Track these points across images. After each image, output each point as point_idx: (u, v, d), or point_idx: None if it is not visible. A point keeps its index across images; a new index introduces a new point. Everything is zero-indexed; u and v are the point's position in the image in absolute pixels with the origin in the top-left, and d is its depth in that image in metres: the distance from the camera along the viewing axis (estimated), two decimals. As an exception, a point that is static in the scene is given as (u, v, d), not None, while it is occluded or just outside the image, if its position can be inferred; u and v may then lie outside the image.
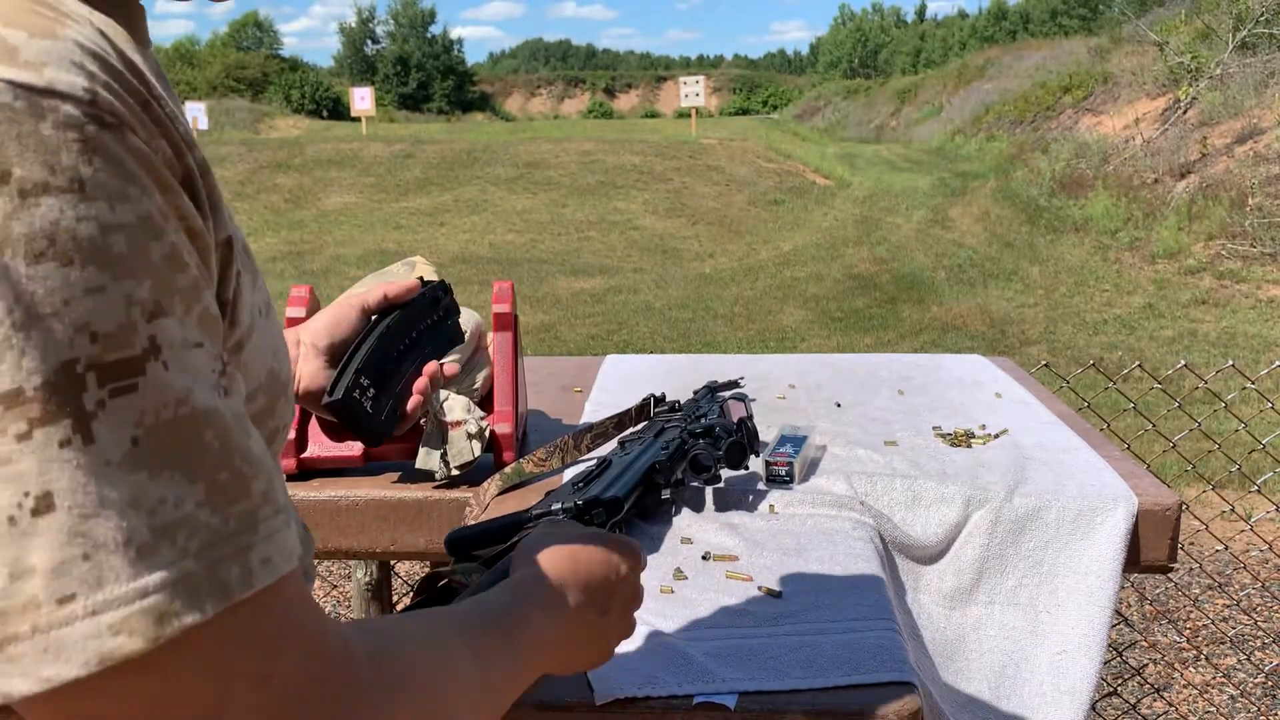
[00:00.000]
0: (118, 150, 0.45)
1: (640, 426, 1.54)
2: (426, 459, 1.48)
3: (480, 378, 1.59)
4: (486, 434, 1.51)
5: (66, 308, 0.43)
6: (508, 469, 1.46)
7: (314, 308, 1.64)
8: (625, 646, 1.04)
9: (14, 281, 0.42)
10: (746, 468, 1.39)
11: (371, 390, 1.30)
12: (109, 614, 0.42)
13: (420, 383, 1.36)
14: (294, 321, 1.61)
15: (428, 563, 2.68)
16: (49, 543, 0.42)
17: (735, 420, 1.40)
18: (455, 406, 1.50)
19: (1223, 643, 3.26)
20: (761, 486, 1.45)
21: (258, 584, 0.46)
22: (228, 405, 0.48)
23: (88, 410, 0.43)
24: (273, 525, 0.48)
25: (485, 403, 1.59)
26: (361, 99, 22.30)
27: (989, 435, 1.63)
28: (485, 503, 1.42)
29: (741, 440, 1.36)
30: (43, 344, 0.42)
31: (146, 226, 0.45)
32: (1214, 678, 3.10)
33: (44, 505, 0.42)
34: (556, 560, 0.76)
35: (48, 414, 0.42)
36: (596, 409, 1.84)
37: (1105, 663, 1.75)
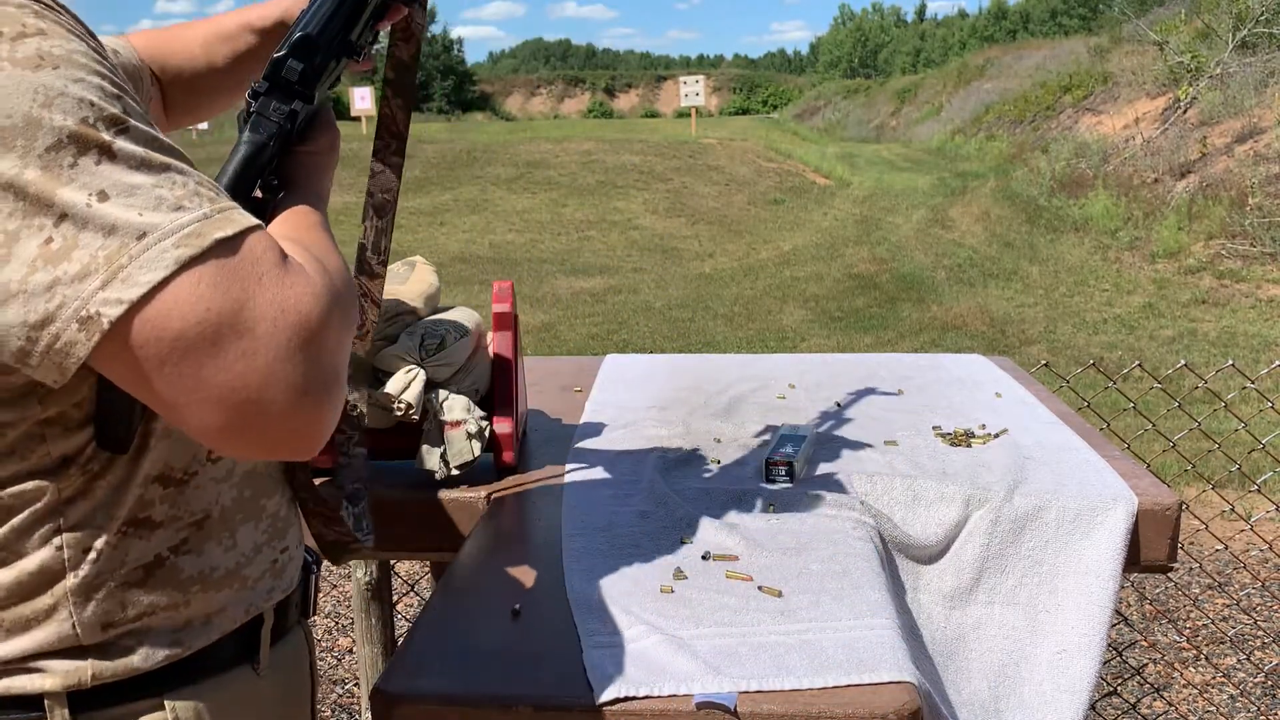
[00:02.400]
0: (53, 15, 0.72)
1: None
2: (426, 458, 1.48)
3: (480, 377, 1.59)
4: (486, 434, 1.51)
5: (68, 89, 0.69)
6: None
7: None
8: (626, 646, 1.04)
9: (28, 78, 0.68)
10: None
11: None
12: (171, 238, 0.69)
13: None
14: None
15: (428, 563, 2.68)
16: (115, 211, 0.68)
17: None
18: (455, 406, 1.50)
19: (1223, 642, 3.26)
20: (761, 486, 1.45)
21: (252, 222, 0.73)
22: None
23: (106, 140, 0.69)
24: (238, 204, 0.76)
25: (485, 402, 1.59)
26: (361, 99, 22.27)
27: (989, 435, 1.63)
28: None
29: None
30: (64, 109, 0.68)
31: (88, 52, 0.72)
32: (1214, 677, 3.10)
33: (101, 196, 0.68)
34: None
35: (83, 146, 0.68)
36: (596, 409, 1.84)
37: (1105, 663, 1.75)
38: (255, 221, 0.74)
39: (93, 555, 0.81)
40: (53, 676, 0.81)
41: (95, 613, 0.82)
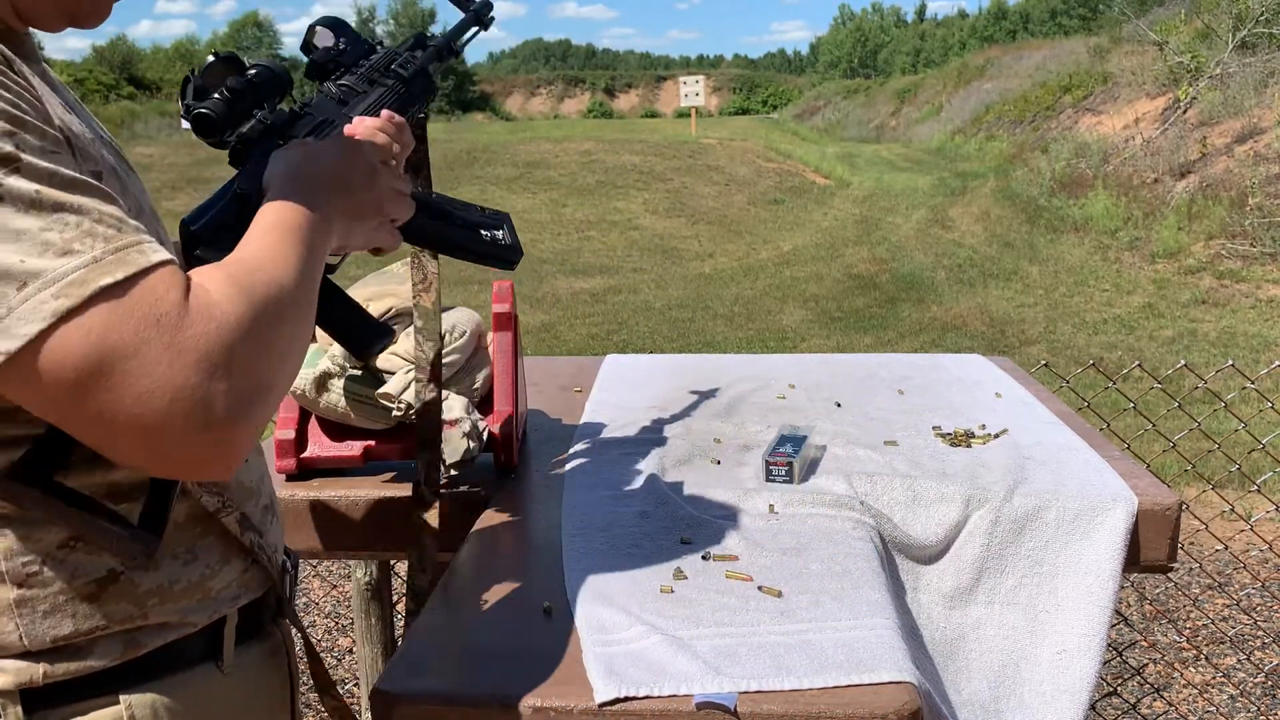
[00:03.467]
0: None
1: None
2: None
3: (480, 378, 1.59)
4: (484, 434, 1.51)
5: None
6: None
7: (314, 307, 1.63)
8: (626, 646, 1.04)
9: None
10: None
11: None
12: (52, 288, 0.68)
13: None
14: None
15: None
16: None
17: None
18: (454, 405, 1.50)
19: (1223, 643, 3.26)
20: (761, 486, 1.45)
21: (153, 261, 0.72)
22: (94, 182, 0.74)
23: None
24: (148, 238, 0.74)
25: (485, 402, 1.59)
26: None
27: (989, 435, 1.63)
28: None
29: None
30: None
31: None
32: (1214, 678, 3.10)
33: None
34: (289, 156, 0.94)
35: None
36: (596, 409, 1.84)
37: (1105, 663, 1.75)
38: (159, 259, 0.73)
39: (33, 570, 0.81)
40: (3, 675, 0.81)
41: (42, 626, 0.81)
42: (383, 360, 1.51)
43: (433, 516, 1.37)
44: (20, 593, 0.80)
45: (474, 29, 1.40)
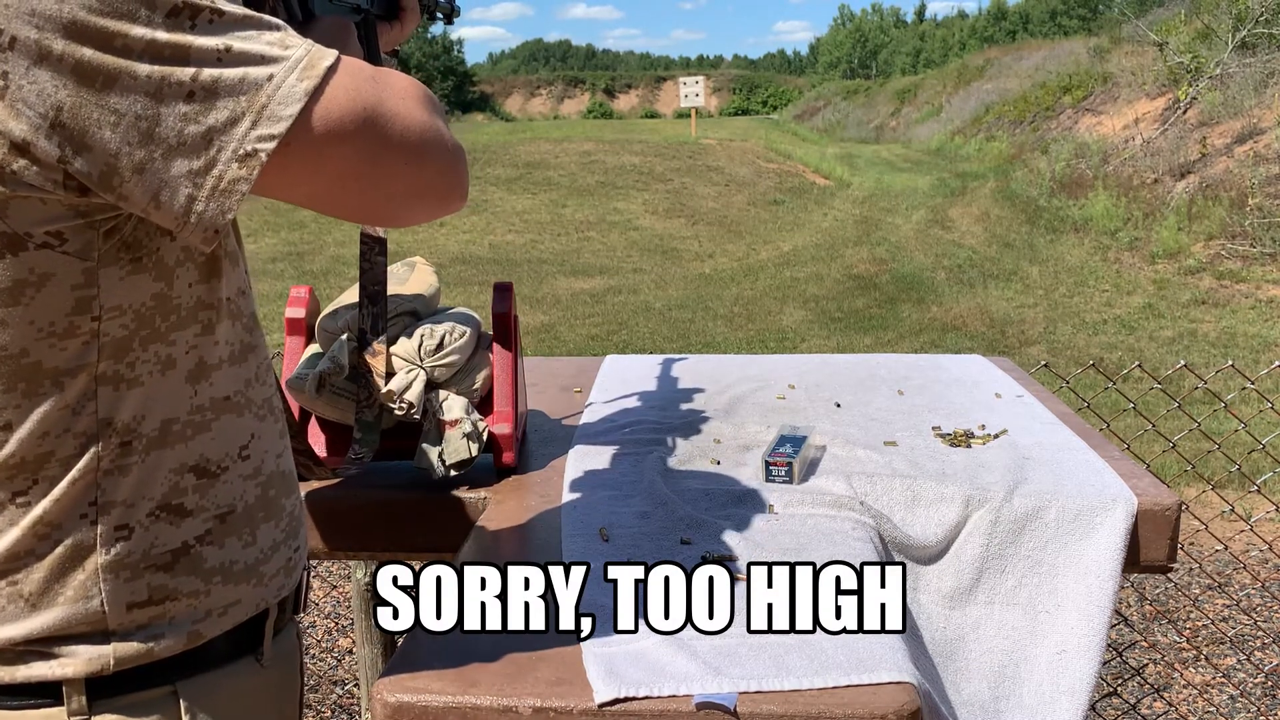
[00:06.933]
0: None
1: None
2: (424, 457, 1.48)
3: (480, 378, 1.59)
4: (484, 434, 1.51)
5: None
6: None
7: (314, 308, 1.64)
8: (625, 646, 1.05)
9: None
10: None
11: None
12: (294, 74, 0.75)
13: None
14: (293, 322, 1.61)
15: (427, 563, 2.68)
16: (241, 59, 0.74)
17: None
18: (454, 406, 1.50)
19: (1223, 643, 3.26)
20: (761, 486, 1.45)
21: (333, 50, 0.79)
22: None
23: (209, 2, 0.74)
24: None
25: (485, 403, 1.59)
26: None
27: (988, 435, 1.63)
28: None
29: None
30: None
31: None
32: (1214, 678, 3.10)
33: (225, 48, 0.74)
34: None
35: (194, 10, 0.73)
36: (596, 409, 1.84)
37: (1105, 663, 1.75)
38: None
39: (124, 535, 0.85)
40: (75, 663, 0.83)
41: (123, 592, 0.85)
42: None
43: (379, 362, 1.44)
44: (109, 558, 0.84)
45: None
